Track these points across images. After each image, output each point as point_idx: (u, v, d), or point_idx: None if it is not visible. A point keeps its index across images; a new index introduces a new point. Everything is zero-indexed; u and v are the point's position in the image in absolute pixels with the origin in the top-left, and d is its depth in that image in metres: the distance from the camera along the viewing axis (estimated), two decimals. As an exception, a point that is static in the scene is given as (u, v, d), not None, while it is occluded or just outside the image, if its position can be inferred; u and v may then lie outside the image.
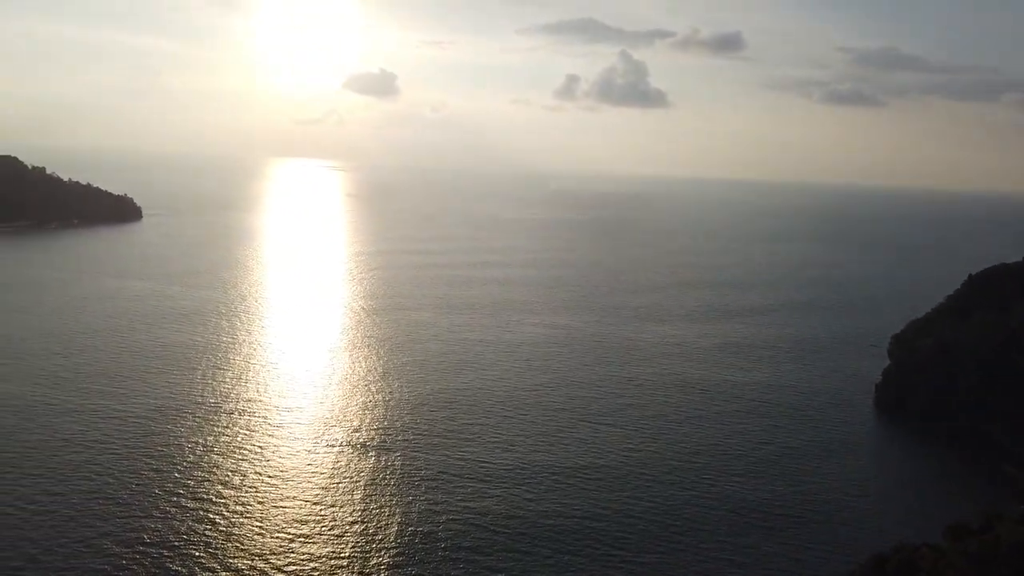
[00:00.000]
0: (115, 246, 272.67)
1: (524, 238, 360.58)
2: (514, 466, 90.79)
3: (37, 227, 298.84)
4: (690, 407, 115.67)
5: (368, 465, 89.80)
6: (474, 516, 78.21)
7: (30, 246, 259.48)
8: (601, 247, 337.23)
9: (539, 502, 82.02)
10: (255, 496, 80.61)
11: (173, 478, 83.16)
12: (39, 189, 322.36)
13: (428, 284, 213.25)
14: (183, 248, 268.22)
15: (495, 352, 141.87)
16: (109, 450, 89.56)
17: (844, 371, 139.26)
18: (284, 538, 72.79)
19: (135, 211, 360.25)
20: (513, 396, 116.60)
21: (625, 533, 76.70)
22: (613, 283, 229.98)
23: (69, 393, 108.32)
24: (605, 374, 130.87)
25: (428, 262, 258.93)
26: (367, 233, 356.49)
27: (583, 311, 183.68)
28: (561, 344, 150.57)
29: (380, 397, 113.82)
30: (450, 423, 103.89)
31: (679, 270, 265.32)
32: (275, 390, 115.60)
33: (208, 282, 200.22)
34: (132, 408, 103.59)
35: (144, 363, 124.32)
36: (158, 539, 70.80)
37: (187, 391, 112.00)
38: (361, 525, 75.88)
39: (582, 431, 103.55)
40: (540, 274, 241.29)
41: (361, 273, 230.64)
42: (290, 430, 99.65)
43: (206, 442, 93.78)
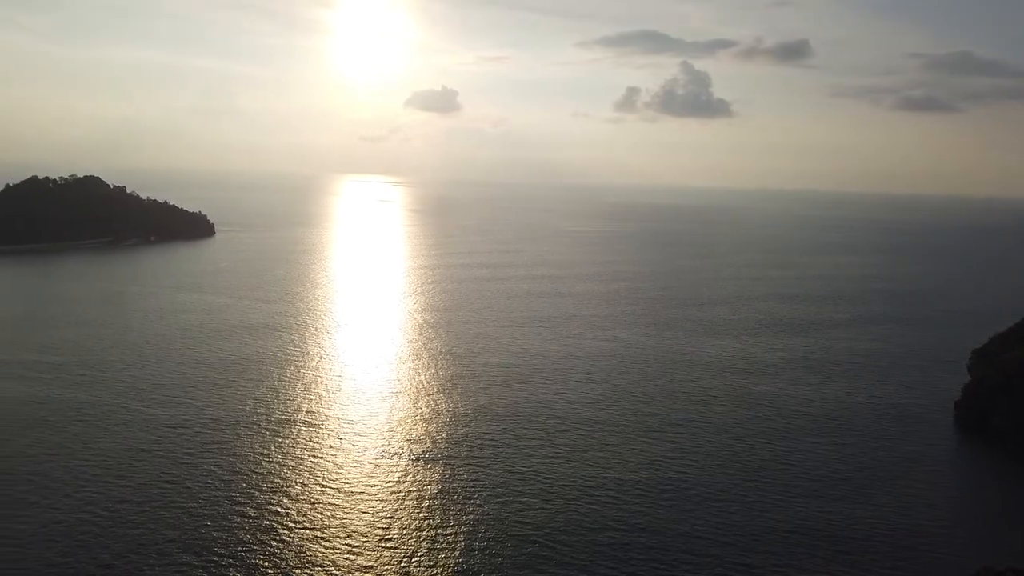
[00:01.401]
0: (189, 261, 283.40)
1: (583, 251, 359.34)
2: (572, 479, 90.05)
3: (117, 243, 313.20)
4: (753, 423, 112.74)
5: (428, 477, 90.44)
6: (532, 529, 77.79)
7: (110, 261, 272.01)
8: (661, 260, 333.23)
9: (597, 516, 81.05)
10: (318, 508, 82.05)
11: (240, 488, 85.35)
12: (120, 207, 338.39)
13: (488, 297, 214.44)
14: (253, 263, 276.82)
15: (554, 365, 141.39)
16: (180, 460, 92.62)
17: (919, 387, 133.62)
18: (345, 550, 73.77)
19: (208, 228, 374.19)
20: (572, 409, 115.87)
21: (685, 552, 75.02)
22: (674, 296, 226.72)
23: (144, 403, 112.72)
24: (665, 388, 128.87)
25: (488, 275, 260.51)
26: (428, 247, 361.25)
27: (643, 324, 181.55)
28: (621, 357, 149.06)
29: (440, 409, 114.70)
30: (509, 435, 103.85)
31: (743, 283, 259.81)
32: (338, 402, 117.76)
33: (276, 296, 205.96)
34: (202, 419, 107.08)
35: (215, 375, 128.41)
36: (223, 550, 72.64)
37: (254, 403, 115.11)
38: (420, 537, 76.33)
39: (641, 445, 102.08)
40: (599, 287, 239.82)
41: (422, 286, 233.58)
42: (352, 442, 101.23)
43: (271, 453, 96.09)
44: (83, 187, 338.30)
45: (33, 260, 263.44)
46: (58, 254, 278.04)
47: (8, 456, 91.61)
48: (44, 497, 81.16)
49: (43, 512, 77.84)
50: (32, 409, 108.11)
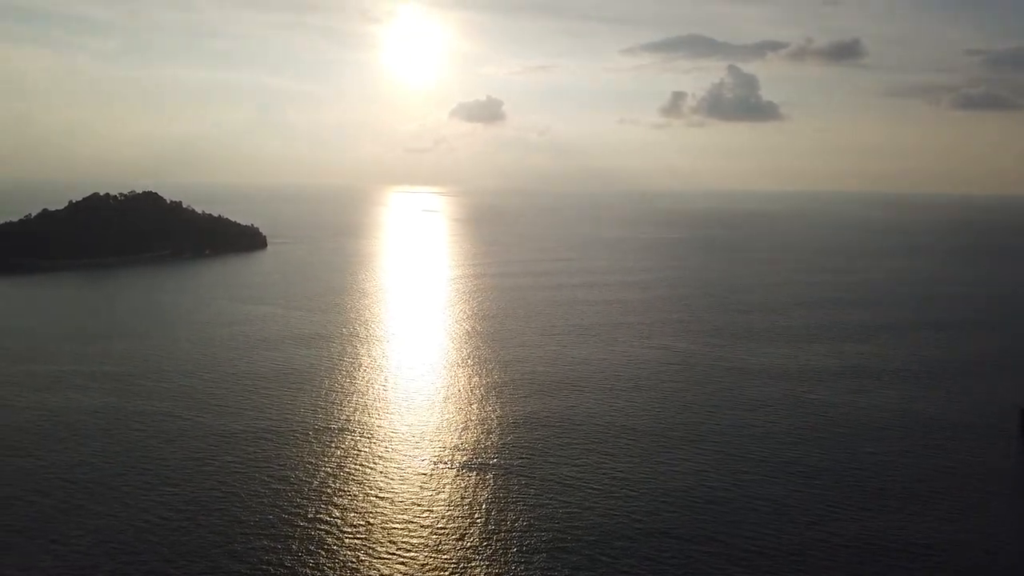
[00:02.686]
0: (242, 273, 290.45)
1: (630, 258, 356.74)
2: (618, 487, 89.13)
3: (174, 256, 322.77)
4: (806, 431, 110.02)
5: (474, 485, 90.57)
6: (578, 537, 77.19)
7: (168, 274, 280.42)
8: (710, 266, 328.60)
9: (644, 525, 79.98)
10: (365, 517, 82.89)
11: (289, 497, 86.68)
12: (177, 221, 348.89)
13: (533, 305, 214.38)
14: (304, 274, 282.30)
15: (601, 373, 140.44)
16: (232, 470, 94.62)
17: (983, 395, 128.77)
18: (392, 559, 74.29)
19: (261, 240, 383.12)
20: (618, 417, 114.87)
21: (731, 564, 73.49)
22: (724, 303, 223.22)
23: (199, 413, 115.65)
24: (714, 395, 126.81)
25: (533, 283, 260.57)
26: (473, 256, 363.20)
27: (692, 332, 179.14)
28: (669, 365, 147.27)
29: (486, 417, 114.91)
30: (555, 443, 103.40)
31: (796, 288, 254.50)
32: (386, 411, 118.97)
33: (326, 306, 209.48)
34: (254, 428, 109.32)
35: (267, 384, 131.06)
36: (273, 557, 73.87)
37: (304, 412, 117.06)
38: (466, 546, 76.40)
39: (688, 453, 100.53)
40: (646, 295, 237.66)
41: (468, 295, 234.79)
42: (399, 450, 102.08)
43: (320, 463, 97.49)
44: (142, 203, 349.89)
45: (96, 274, 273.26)
46: (119, 268, 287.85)
47: (69, 464, 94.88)
48: (101, 504, 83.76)
49: (101, 520, 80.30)
50: (93, 419, 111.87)
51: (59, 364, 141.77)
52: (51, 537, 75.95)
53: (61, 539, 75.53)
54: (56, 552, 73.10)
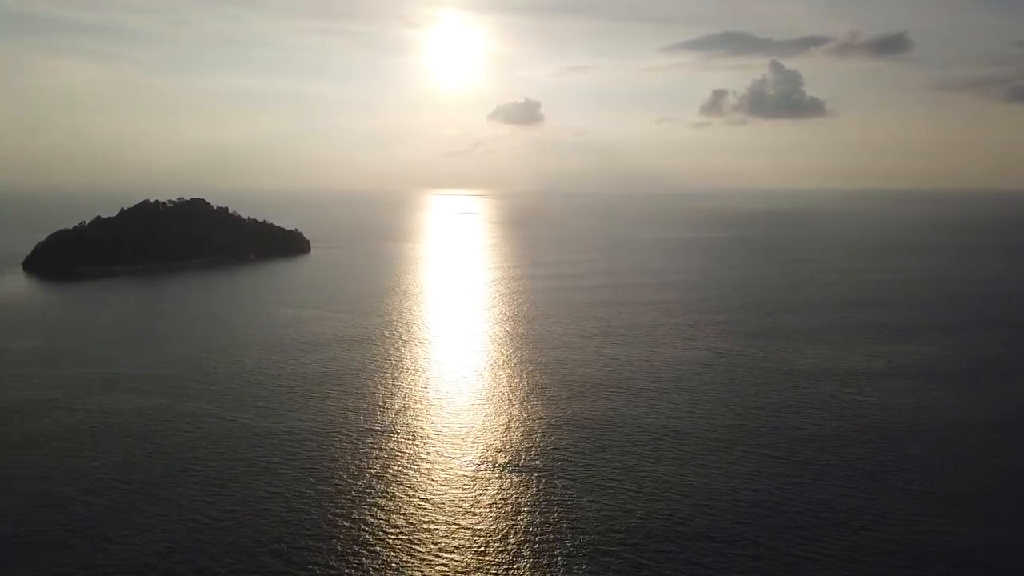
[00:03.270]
0: (287, 277, 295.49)
1: (671, 259, 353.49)
2: (661, 489, 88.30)
3: (221, 261, 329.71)
4: (851, 434, 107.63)
5: (515, 486, 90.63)
6: (620, 539, 76.70)
7: (215, 279, 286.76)
8: (754, 266, 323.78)
9: (686, 527, 79.09)
10: (407, 518, 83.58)
11: (333, 498, 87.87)
12: (223, 227, 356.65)
13: (573, 307, 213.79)
14: (346, 277, 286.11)
15: (642, 374, 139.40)
16: (278, 470, 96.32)
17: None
18: (433, 561, 74.76)
19: (304, 244, 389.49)
20: (660, 418, 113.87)
21: (776, 568, 72.20)
22: (768, 303, 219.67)
23: (245, 414, 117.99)
24: (757, 397, 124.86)
25: (573, 285, 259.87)
26: (512, 258, 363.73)
27: (735, 333, 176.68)
28: (711, 366, 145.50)
29: (527, 418, 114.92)
30: (596, 444, 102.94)
31: (842, 288, 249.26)
32: (427, 412, 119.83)
33: (368, 309, 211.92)
34: (299, 429, 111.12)
35: (311, 387, 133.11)
36: (317, 558, 74.98)
37: (348, 414, 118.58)
38: (507, 547, 76.48)
39: (731, 455, 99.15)
40: (688, 295, 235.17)
41: (507, 297, 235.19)
42: (441, 452, 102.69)
43: (363, 464, 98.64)
44: (190, 209, 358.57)
45: (146, 279, 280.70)
46: (168, 273, 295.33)
47: (122, 465, 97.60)
48: (152, 504, 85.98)
49: (152, 519, 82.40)
50: (145, 420, 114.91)
51: (112, 367, 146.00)
52: (105, 536, 78.23)
53: (115, 538, 77.74)
54: (109, 551, 75.26)
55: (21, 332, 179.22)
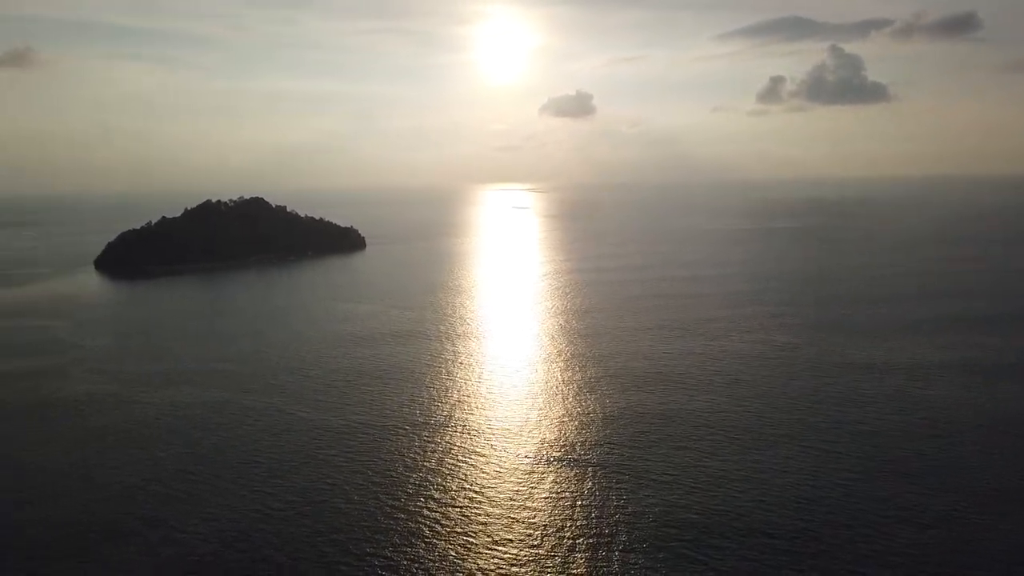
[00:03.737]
0: (343, 273, 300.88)
1: (728, 251, 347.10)
2: (716, 483, 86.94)
3: (279, 259, 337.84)
4: (917, 428, 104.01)
5: (568, 480, 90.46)
6: (675, 533, 75.87)
7: (274, 276, 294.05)
8: (813, 257, 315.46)
9: (742, 522, 77.68)
10: (462, 511, 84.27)
11: (390, 491, 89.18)
12: (281, 225, 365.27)
13: (628, 300, 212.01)
14: (401, 273, 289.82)
15: (698, 368, 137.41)
16: (336, 463, 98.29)
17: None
18: (488, 554, 75.21)
19: (360, 241, 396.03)
20: (718, 412, 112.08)
21: (834, 564, 70.31)
22: (829, 295, 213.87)
23: (304, 406, 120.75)
24: (817, 391, 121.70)
25: (627, 278, 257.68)
26: (566, 251, 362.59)
27: (795, 326, 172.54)
28: (770, 359, 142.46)
29: (581, 412, 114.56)
30: (650, 438, 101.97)
31: (909, 279, 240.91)
32: (483, 406, 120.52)
33: (423, 303, 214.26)
34: (356, 423, 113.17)
35: (368, 381, 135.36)
36: (372, 549, 76.23)
37: (404, 407, 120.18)
38: (561, 540, 76.43)
39: (790, 450, 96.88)
40: (745, 287, 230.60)
41: (561, 290, 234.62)
42: (495, 445, 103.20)
43: (419, 457, 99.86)
44: (250, 208, 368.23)
45: (209, 277, 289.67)
46: (229, 271, 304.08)
47: (188, 456, 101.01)
48: (217, 494, 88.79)
49: (216, 509, 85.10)
50: (209, 413, 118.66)
51: (177, 362, 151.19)
52: (172, 524, 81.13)
53: (181, 527, 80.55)
54: (176, 539, 78.02)
55: (93, 329, 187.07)
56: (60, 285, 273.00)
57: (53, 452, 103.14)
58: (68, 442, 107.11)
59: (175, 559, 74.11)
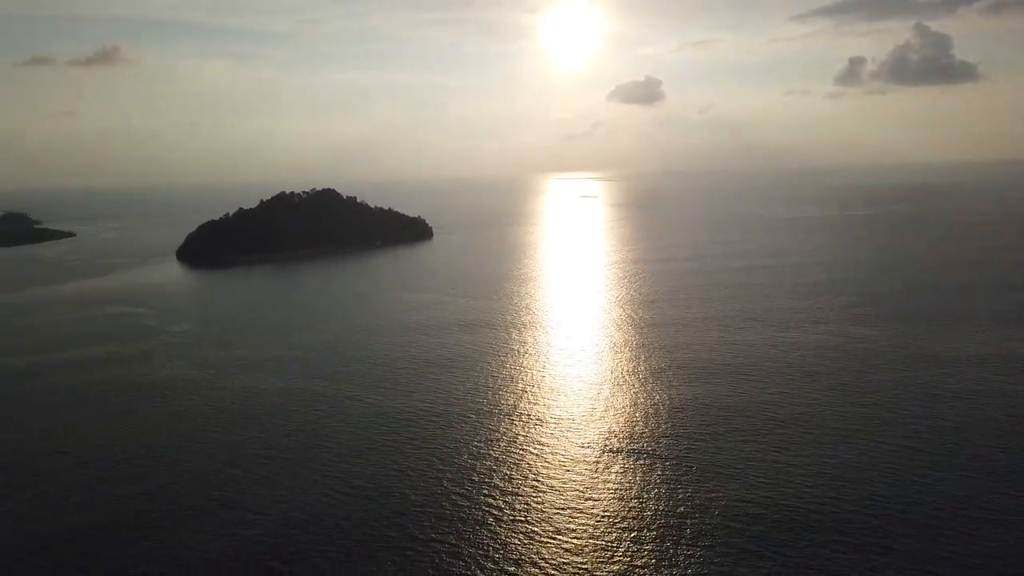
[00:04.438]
0: (410, 263, 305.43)
1: (803, 240, 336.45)
2: (786, 477, 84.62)
3: (349, 249, 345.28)
4: (1005, 425, 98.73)
5: (633, 470, 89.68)
6: (739, 528, 74.33)
7: (344, 265, 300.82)
8: (895, 246, 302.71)
9: (813, 519, 75.40)
10: (526, 501, 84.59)
11: (454, 479, 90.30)
12: (351, 216, 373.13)
13: (696, 290, 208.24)
14: (467, 262, 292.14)
15: (769, 360, 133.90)
16: (403, 450, 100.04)
17: None
18: (551, 544, 75.29)
19: (427, 231, 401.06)
20: (789, 405, 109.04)
21: (911, 566, 67.48)
22: (910, 285, 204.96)
23: (373, 393, 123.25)
24: (898, 384, 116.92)
25: (696, 267, 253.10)
26: (633, 240, 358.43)
27: (873, 316, 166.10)
28: (848, 352, 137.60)
29: (647, 403, 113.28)
30: (716, 430, 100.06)
31: (997, 269, 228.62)
32: (547, 396, 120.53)
33: (488, 293, 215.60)
34: (423, 409, 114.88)
35: (434, 368, 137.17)
36: (435, 535, 77.32)
37: (468, 395, 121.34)
38: (626, 531, 75.88)
39: (866, 446, 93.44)
40: (820, 277, 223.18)
41: (627, 280, 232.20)
42: (560, 436, 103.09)
43: (483, 445, 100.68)
44: (322, 199, 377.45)
45: (283, 267, 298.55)
46: (302, 260, 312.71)
47: (262, 440, 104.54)
48: (290, 477, 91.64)
49: (289, 492, 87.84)
50: (282, 399, 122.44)
51: (252, 349, 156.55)
52: (247, 507, 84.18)
53: (256, 509, 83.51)
54: (251, 521, 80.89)
55: (174, 316, 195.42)
56: (144, 274, 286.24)
57: (135, 434, 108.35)
58: (150, 424, 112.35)
59: (252, 541, 76.72)
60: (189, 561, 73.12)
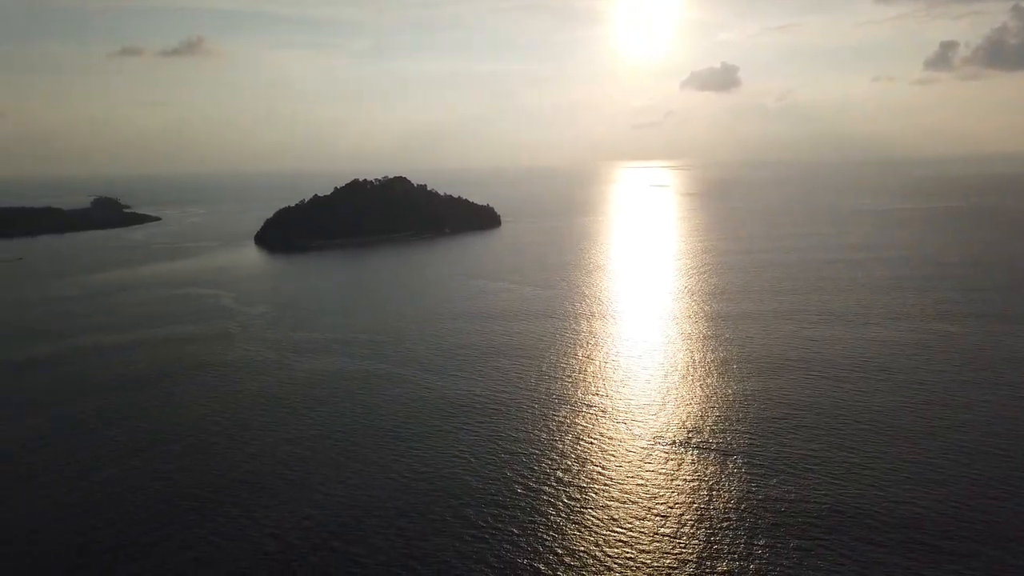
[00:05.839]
0: (478, 251, 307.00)
1: (887, 233, 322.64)
2: (857, 474, 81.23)
3: (419, 235, 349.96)
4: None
5: (697, 463, 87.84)
6: (804, 524, 71.78)
7: (413, 251, 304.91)
8: (988, 241, 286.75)
9: (885, 516, 72.15)
10: (585, 491, 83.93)
11: (514, 466, 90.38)
12: (421, 203, 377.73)
13: (769, 283, 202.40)
14: (534, 251, 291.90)
15: (845, 356, 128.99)
16: (465, 435, 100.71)
17: None
18: (608, 536, 74.49)
19: (495, 219, 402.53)
20: (861, 402, 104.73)
21: (991, 567, 63.90)
22: (1002, 283, 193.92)
23: (437, 378, 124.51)
24: (981, 385, 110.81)
25: (769, 260, 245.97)
26: (705, 231, 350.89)
27: (960, 314, 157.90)
28: (928, 350, 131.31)
29: (713, 396, 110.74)
30: (786, 425, 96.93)
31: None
32: (609, 387, 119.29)
33: (554, 282, 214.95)
34: (485, 396, 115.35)
35: (497, 356, 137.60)
36: (491, 522, 77.46)
37: (531, 384, 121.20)
38: (685, 523, 74.41)
39: (944, 445, 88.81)
40: (905, 272, 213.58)
41: (697, 272, 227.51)
42: (621, 426, 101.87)
43: (543, 434, 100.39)
44: (393, 186, 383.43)
45: (355, 252, 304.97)
46: (374, 246, 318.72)
47: (328, 420, 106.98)
48: (354, 460, 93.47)
49: (352, 474, 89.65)
50: (349, 382, 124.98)
51: (324, 331, 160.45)
52: (316, 487, 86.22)
53: (324, 490, 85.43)
54: (318, 502, 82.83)
55: (251, 299, 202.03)
56: (224, 258, 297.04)
57: (210, 411, 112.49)
58: (225, 402, 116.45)
59: (322, 521, 78.20)
60: (259, 538, 75.35)
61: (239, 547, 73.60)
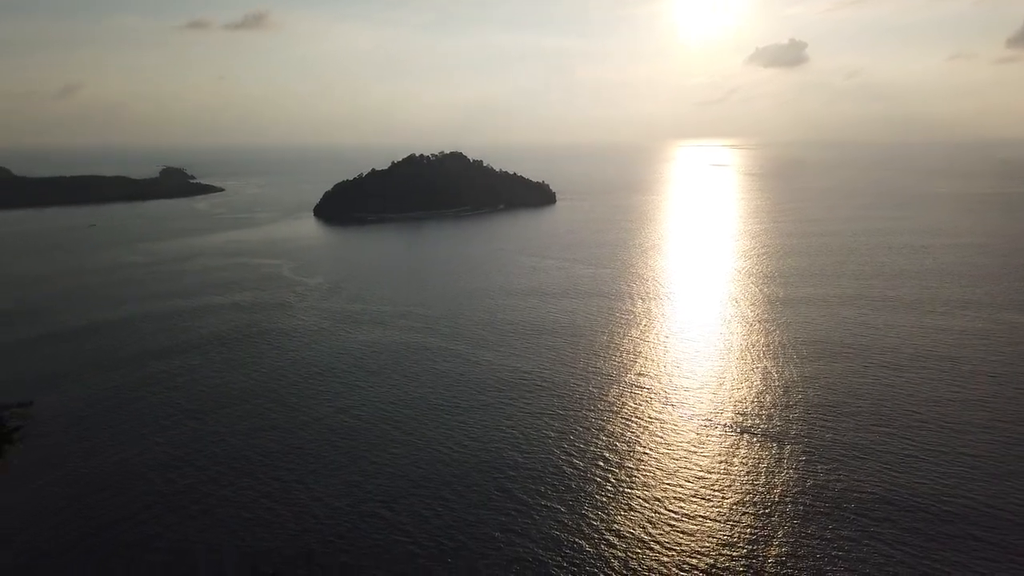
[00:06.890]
0: (532, 227, 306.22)
1: (962, 219, 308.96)
2: (910, 465, 78.75)
3: (474, 210, 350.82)
4: None
5: (748, 446, 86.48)
6: (856, 509, 70.04)
7: (468, 226, 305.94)
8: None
9: (930, 511, 69.84)
10: (635, 471, 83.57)
11: (566, 445, 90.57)
12: (477, 178, 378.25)
13: (832, 267, 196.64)
14: (588, 229, 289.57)
15: (907, 344, 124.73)
16: (515, 411, 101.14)
17: None
18: (661, 515, 74.08)
19: (550, 196, 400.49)
20: (922, 392, 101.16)
21: None
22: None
23: (487, 353, 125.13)
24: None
25: (835, 244, 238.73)
26: (767, 212, 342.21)
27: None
28: (1000, 340, 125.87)
29: (766, 380, 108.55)
30: (840, 411, 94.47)
31: None
32: (660, 369, 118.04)
33: (607, 260, 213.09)
34: (534, 373, 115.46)
35: (548, 334, 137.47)
36: (535, 500, 77.81)
37: (580, 363, 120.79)
38: (729, 505, 73.44)
39: (1005, 439, 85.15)
40: (979, 259, 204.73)
41: (756, 254, 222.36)
42: (673, 408, 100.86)
43: (591, 414, 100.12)
44: (449, 162, 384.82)
45: (410, 225, 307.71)
46: (429, 220, 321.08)
47: (379, 392, 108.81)
48: (406, 433, 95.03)
49: (403, 448, 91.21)
50: (401, 354, 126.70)
51: (379, 303, 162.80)
52: (371, 459, 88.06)
53: (379, 461, 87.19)
54: (370, 472, 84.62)
55: (310, 269, 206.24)
56: (283, 229, 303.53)
57: (266, 377, 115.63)
58: (281, 369, 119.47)
59: (370, 490, 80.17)
60: (308, 503, 77.48)
61: (291, 510, 75.82)
